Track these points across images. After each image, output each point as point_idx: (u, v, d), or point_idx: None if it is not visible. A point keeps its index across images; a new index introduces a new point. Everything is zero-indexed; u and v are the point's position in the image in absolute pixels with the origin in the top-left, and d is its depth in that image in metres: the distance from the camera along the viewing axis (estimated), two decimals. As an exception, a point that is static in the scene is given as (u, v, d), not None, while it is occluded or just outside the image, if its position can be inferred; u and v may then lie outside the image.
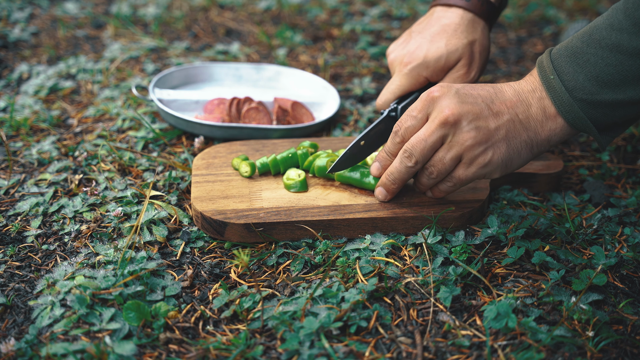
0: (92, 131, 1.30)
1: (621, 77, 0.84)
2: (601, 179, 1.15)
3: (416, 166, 0.94)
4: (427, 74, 1.13)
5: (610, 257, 0.94)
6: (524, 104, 0.91)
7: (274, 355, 0.81)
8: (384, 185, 1.00)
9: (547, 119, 0.90)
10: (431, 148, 0.92)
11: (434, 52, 1.11)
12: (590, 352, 0.80)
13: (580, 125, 0.89)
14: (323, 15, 1.92)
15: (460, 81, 1.12)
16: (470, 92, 0.91)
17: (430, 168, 0.94)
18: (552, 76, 0.88)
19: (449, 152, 0.92)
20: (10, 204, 1.09)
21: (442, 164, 0.93)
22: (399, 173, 0.97)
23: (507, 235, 0.98)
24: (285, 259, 0.97)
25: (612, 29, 0.83)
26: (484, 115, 0.90)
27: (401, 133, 0.95)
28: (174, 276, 0.94)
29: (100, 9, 1.95)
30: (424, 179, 0.97)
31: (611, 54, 0.84)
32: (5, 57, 1.64)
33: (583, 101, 0.87)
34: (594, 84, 0.85)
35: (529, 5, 1.96)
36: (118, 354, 0.80)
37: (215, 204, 1.01)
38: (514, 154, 0.91)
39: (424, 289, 0.91)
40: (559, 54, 0.89)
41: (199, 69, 1.45)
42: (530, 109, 0.91)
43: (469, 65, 1.12)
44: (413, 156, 0.94)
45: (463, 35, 1.11)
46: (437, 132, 0.91)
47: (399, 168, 0.96)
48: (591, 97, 0.86)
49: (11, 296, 0.91)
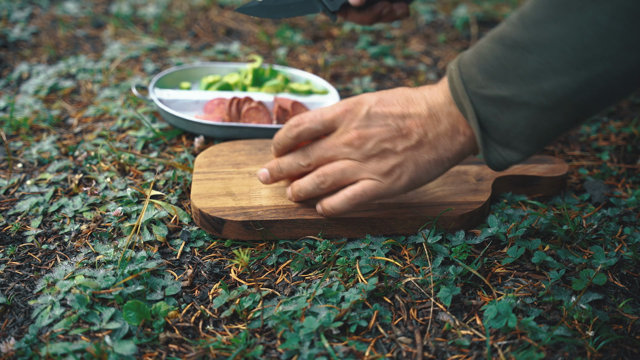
0: (92, 131, 1.30)
1: (503, 70, 0.80)
2: (601, 178, 1.15)
3: (308, 168, 0.96)
4: None
5: (610, 257, 0.94)
6: (433, 120, 0.89)
7: (274, 355, 0.81)
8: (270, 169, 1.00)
9: (456, 134, 0.89)
10: (329, 159, 0.94)
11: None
12: (590, 352, 0.80)
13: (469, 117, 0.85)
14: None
15: None
16: (382, 111, 0.91)
17: (323, 177, 0.94)
18: (453, 67, 0.87)
19: (351, 168, 0.92)
20: (10, 204, 1.09)
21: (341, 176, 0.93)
22: (289, 166, 0.97)
23: (507, 235, 0.98)
24: (285, 258, 0.97)
25: (505, 22, 0.82)
26: (392, 137, 0.90)
27: (299, 130, 0.95)
28: (174, 276, 0.94)
29: (100, 9, 1.95)
30: (308, 186, 0.96)
31: (497, 45, 0.81)
32: (5, 56, 1.64)
33: (474, 94, 0.84)
34: (483, 76, 0.82)
35: (529, 5, 1.95)
36: (118, 353, 0.80)
37: (214, 201, 1.01)
38: (423, 172, 0.91)
39: (424, 288, 0.91)
40: (468, 50, 0.88)
41: (199, 69, 1.45)
42: (439, 125, 0.89)
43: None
44: (308, 157, 0.95)
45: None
46: (340, 148, 0.93)
47: (291, 162, 0.97)
48: (480, 90, 0.83)
49: (11, 296, 0.91)
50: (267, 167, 1.00)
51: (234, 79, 1.42)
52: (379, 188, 0.92)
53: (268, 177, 1.00)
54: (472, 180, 1.07)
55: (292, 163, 0.97)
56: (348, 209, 0.94)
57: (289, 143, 0.97)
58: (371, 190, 0.92)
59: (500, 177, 1.08)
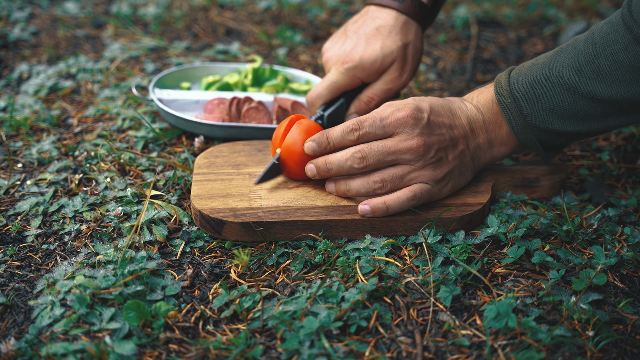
0: (92, 131, 1.30)
1: (573, 113, 0.93)
2: (601, 178, 1.15)
3: (362, 170, 0.96)
4: (362, 75, 1.15)
5: (610, 257, 0.94)
6: (474, 134, 1.00)
7: (274, 355, 0.81)
8: (317, 167, 0.99)
9: (491, 148, 1.01)
10: (388, 163, 0.96)
11: (369, 55, 1.13)
12: (590, 352, 0.80)
13: (530, 145, 0.99)
14: (323, 15, 1.92)
15: (392, 83, 1.16)
16: (437, 121, 0.97)
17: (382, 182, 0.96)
18: (509, 100, 0.96)
19: (410, 174, 0.96)
20: (10, 204, 1.09)
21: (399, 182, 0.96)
22: (340, 167, 0.97)
23: (507, 235, 0.98)
24: (285, 258, 0.97)
25: (572, 70, 0.91)
26: (446, 147, 0.97)
27: (360, 134, 0.96)
28: (174, 276, 0.94)
29: (100, 9, 1.95)
30: (361, 188, 0.97)
31: (567, 92, 0.92)
32: (5, 56, 1.64)
33: (535, 127, 0.96)
34: (547, 115, 0.94)
35: (529, 5, 1.96)
36: (118, 353, 0.80)
37: (214, 202, 1.01)
38: (463, 179, 1.01)
39: (424, 288, 0.91)
40: (517, 79, 0.96)
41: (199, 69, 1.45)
42: (478, 139, 1.00)
43: (401, 68, 1.15)
44: (366, 160, 0.95)
45: (398, 38, 1.13)
46: (401, 153, 0.95)
47: (342, 164, 0.97)
48: (543, 124, 0.95)
49: (11, 296, 0.91)
50: (315, 165, 1.00)
51: (234, 79, 1.42)
52: (431, 192, 0.98)
53: (316, 173, 1.00)
54: (472, 181, 1.07)
55: (344, 165, 0.97)
56: (403, 209, 0.97)
57: (345, 144, 0.97)
58: (427, 192, 0.97)
59: (500, 179, 1.08)
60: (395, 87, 1.17)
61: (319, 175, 1.00)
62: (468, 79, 1.57)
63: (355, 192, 0.98)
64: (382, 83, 1.16)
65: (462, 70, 1.62)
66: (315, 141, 0.99)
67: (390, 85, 1.16)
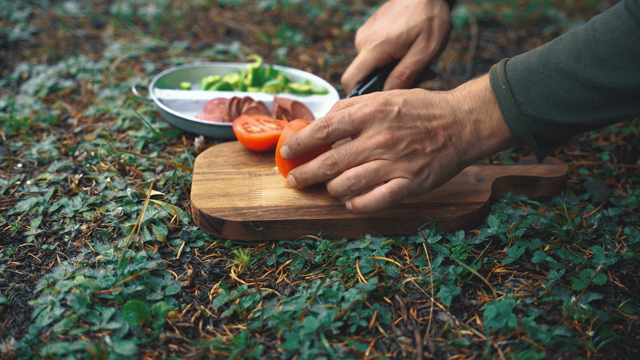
0: (92, 131, 1.30)
1: (570, 102, 0.88)
2: (601, 178, 1.15)
3: (337, 174, 0.94)
4: (390, 50, 1.18)
5: (610, 257, 0.94)
6: (458, 125, 0.94)
7: (274, 355, 0.81)
8: (295, 177, 0.99)
9: (479, 141, 0.94)
10: (359, 162, 0.93)
11: (395, 29, 1.17)
12: (590, 352, 0.80)
13: (523, 137, 0.93)
14: (323, 15, 1.92)
15: (421, 54, 1.18)
16: (410, 113, 0.93)
17: (356, 178, 0.93)
18: (503, 86, 0.92)
19: (385, 167, 0.92)
20: (10, 204, 1.09)
21: (374, 175, 0.93)
22: (315, 176, 0.96)
23: (507, 235, 0.98)
24: (285, 258, 0.97)
25: (570, 56, 0.87)
26: (422, 139, 0.92)
27: (328, 131, 0.94)
28: (174, 276, 0.94)
29: (100, 9, 1.95)
30: (339, 188, 0.94)
31: (565, 79, 0.87)
32: (5, 56, 1.64)
33: (529, 116, 0.91)
34: (543, 103, 0.89)
35: (529, 5, 1.96)
36: (118, 353, 0.80)
37: (214, 201, 1.01)
38: (446, 173, 0.95)
39: (424, 288, 0.91)
40: (514, 67, 0.92)
41: (199, 69, 1.45)
42: (464, 129, 0.94)
43: (427, 38, 1.18)
44: (337, 165, 0.93)
45: (423, 12, 1.17)
46: (371, 150, 0.92)
47: (315, 172, 0.95)
48: (538, 114, 0.90)
49: (11, 296, 0.91)
50: (293, 175, 0.99)
51: (234, 79, 1.42)
52: (410, 186, 0.93)
53: (296, 184, 1.00)
54: (472, 180, 1.07)
55: (318, 172, 0.95)
56: (382, 207, 0.94)
57: (314, 144, 0.95)
58: (405, 187, 0.93)
59: (500, 178, 1.08)
60: (424, 57, 1.18)
61: (300, 185, 0.99)
62: (468, 79, 1.57)
63: (335, 192, 0.96)
64: (411, 55, 1.18)
65: (462, 70, 1.62)
66: (287, 144, 0.97)
67: (420, 57, 1.18)
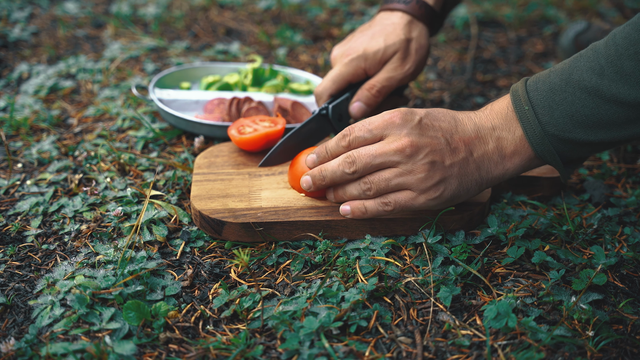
0: (92, 131, 1.30)
1: (596, 119, 0.86)
2: (601, 178, 1.15)
3: (353, 175, 0.94)
4: (365, 65, 1.17)
5: (610, 257, 0.94)
6: (481, 142, 0.92)
7: (274, 355, 0.81)
8: (312, 177, 0.99)
9: (502, 159, 0.92)
10: (376, 167, 0.92)
11: (373, 46, 1.17)
12: (590, 352, 0.80)
13: (547, 158, 0.91)
14: (323, 15, 1.92)
15: (394, 72, 1.17)
16: (432, 124, 0.92)
17: (369, 184, 0.93)
18: (526, 107, 0.90)
19: (397, 178, 0.92)
20: (10, 204, 1.09)
21: (385, 185, 0.93)
22: (333, 174, 0.96)
23: (507, 235, 0.98)
24: (285, 258, 0.97)
25: (593, 73, 0.85)
26: (441, 151, 0.91)
27: (350, 139, 0.95)
28: (174, 276, 0.94)
29: (100, 9, 1.95)
30: (354, 190, 0.95)
31: (589, 97, 0.85)
32: (5, 56, 1.64)
33: (554, 136, 0.89)
34: (567, 122, 0.87)
35: (529, 5, 1.96)
36: (118, 353, 0.80)
37: (214, 202, 1.01)
38: (463, 191, 0.93)
39: (424, 288, 0.91)
40: (535, 86, 0.90)
41: (199, 69, 1.45)
42: (486, 146, 0.92)
43: (403, 58, 1.17)
44: (355, 165, 0.93)
45: (402, 33, 1.16)
46: (389, 156, 0.91)
47: (335, 170, 0.96)
48: (563, 134, 0.88)
49: (11, 296, 0.91)
50: (310, 175, 0.99)
51: (234, 79, 1.42)
52: (416, 201, 0.92)
53: (311, 184, 0.99)
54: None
55: (337, 171, 0.96)
56: (381, 215, 0.95)
57: (339, 152, 0.96)
58: (409, 203, 0.93)
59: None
60: (397, 75, 1.17)
61: (315, 186, 0.99)
62: (468, 79, 1.57)
63: (349, 195, 0.96)
64: (384, 71, 1.17)
65: (462, 70, 1.62)
66: (316, 153, 0.99)
67: (393, 74, 1.17)
